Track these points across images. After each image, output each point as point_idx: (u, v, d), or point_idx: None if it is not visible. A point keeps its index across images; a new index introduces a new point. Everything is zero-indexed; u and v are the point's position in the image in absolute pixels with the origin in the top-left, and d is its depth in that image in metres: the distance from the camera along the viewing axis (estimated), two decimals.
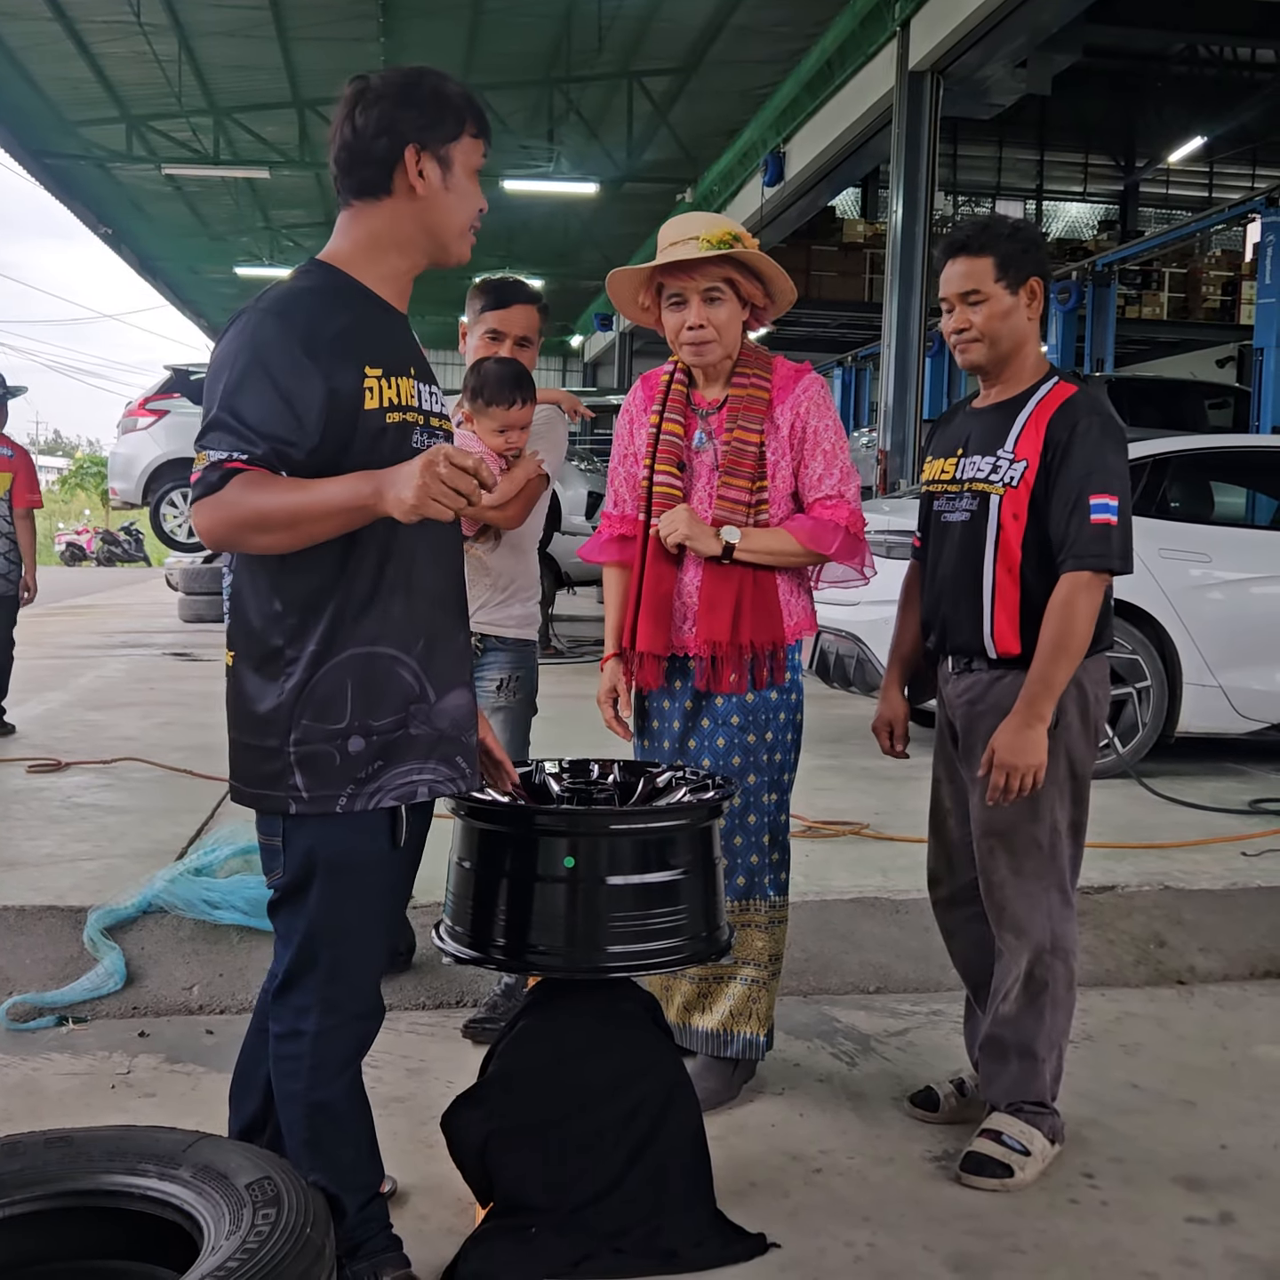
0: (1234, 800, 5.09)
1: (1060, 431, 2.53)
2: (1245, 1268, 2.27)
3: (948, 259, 2.63)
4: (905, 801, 4.93)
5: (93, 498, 43.05)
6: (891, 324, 10.86)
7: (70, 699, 7.49)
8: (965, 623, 2.64)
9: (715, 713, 2.77)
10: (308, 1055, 1.99)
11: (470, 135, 1.97)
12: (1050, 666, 2.50)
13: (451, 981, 3.45)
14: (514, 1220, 2.23)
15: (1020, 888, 2.60)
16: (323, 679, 1.90)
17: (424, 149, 1.94)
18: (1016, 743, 2.48)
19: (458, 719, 2.03)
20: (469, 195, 1.98)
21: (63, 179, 17.60)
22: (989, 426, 2.65)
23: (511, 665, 3.21)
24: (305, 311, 1.88)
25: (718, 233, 2.61)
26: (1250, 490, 8.09)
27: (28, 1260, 1.83)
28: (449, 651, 2.03)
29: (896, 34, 10.70)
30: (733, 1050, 2.80)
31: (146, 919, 3.54)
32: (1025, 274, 2.59)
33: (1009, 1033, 2.61)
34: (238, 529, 1.84)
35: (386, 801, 1.95)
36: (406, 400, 1.94)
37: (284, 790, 1.93)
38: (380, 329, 1.95)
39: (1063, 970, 2.61)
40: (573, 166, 15.92)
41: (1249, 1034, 3.33)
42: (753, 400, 2.72)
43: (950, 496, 2.69)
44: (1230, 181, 22.40)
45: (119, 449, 12.50)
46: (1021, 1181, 2.51)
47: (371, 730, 1.92)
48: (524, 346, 3.22)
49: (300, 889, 1.98)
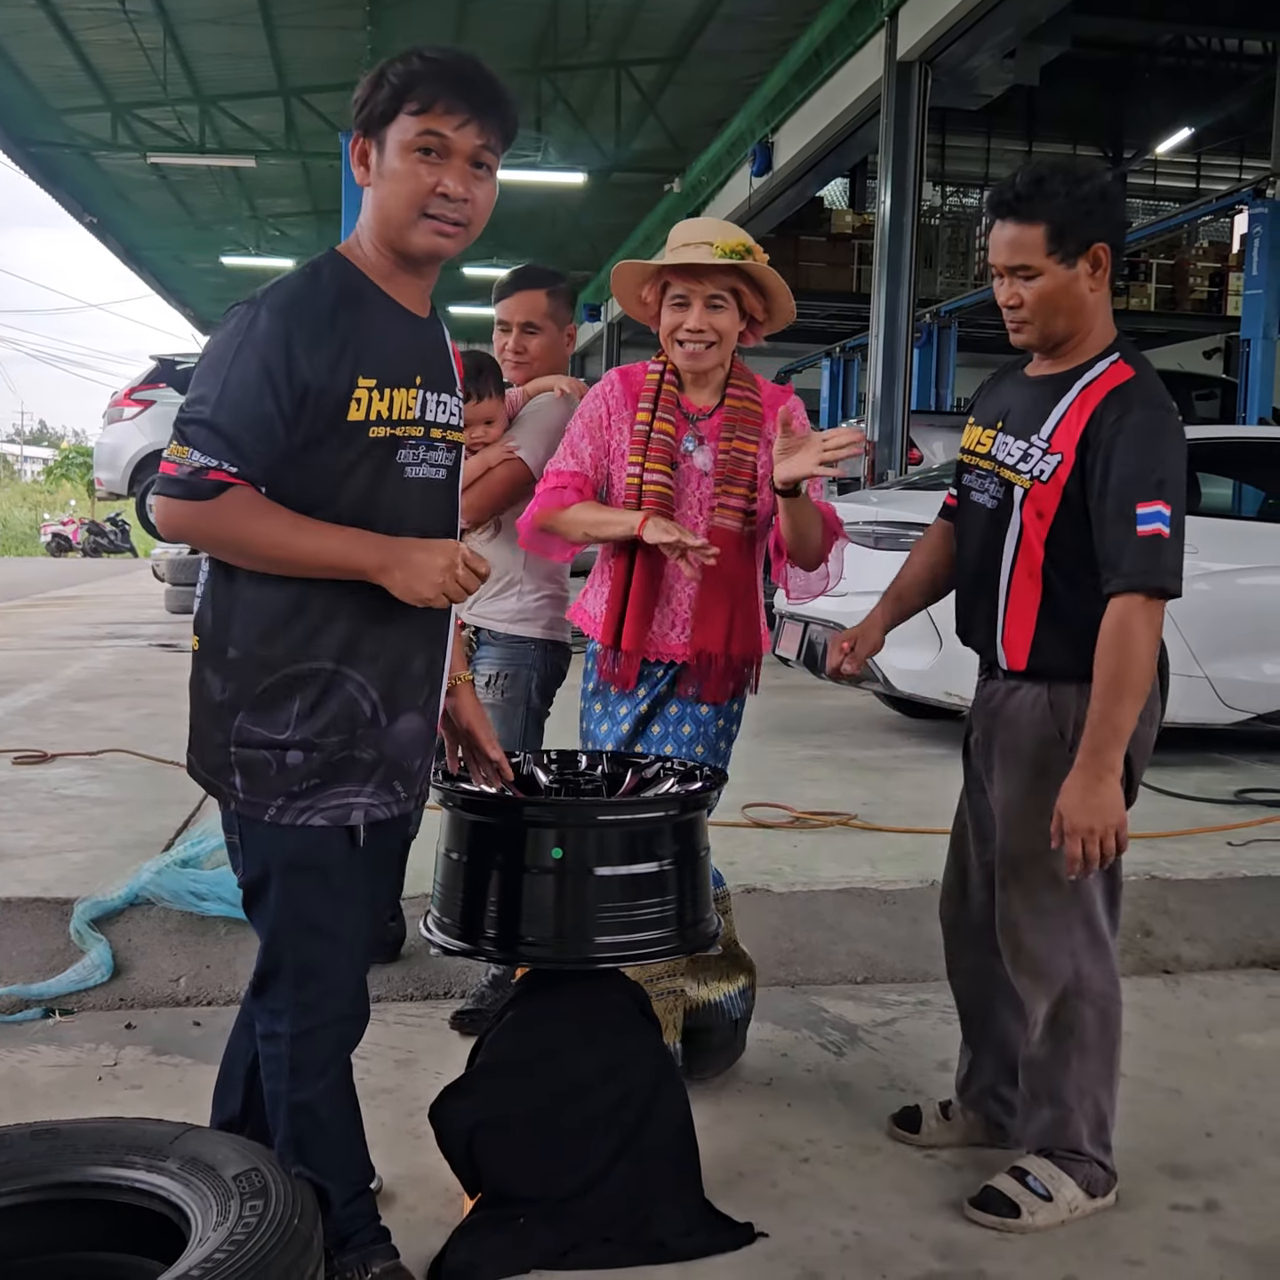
0: (1220, 790, 5.11)
1: (1104, 425, 2.23)
2: (1230, 1255, 2.28)
3: (995, 218, 2.29)
4: (893, 792, 4.94)
5: (78, 488, 42.88)
6: (879, 315, 10.85)
7: (56, 690, 7.46)
8: (982, 624, 2.44)
9: (668, 720, 2.76)
10: (286, 1058, 1.97)
11: (409, 113, 1.82)
12: (1114, 707, 2.18)
13: (439, 973, 3.45)
14: (502, 1211, 2.23)
15: (1038, 925, 2.37)
16: (273, 687, 1.87)
17: (366, 135, 1.87)
18: (1090, 803, 2.18)
19: (405, 744, 1.97)
20: (406, 178, 1.83)
21: (47, 167, 17.47)
22: (1031, 403, 2.36)
23: (501, 661, 3.11)
24: (309, 312, 1.82)
25: (731, 242, 2.62)
26: (1237, 482, 8.11)
27: (14, 1253, 1.83)
28: (411, 675, 1.96)
29: (885, 24, 10.67)
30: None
31: (133, 911, 3.53)
32: (1086, 240, 2.24)
33: (1036, 1078, 2.41)
34: (215, 544, 1.83)
35: (315, 820, 1.90)
36: (400, 414, 1.88)
37: (226, 785, 1.92)
38: (386, 336, 1.89)
39: (1092, 1014, 2.36)
40: (560, 156, 15.85)
41: (1234, 1023, 3.34)
42: (748, 413, 2.73)
43: (981, 474, 2.43)
44: (1218, 173, 22.42)
45: (105, 439, 12.46)
46: (1026, 1225, 2.31)
47: (314, 747, 1.88)
48: (531, 333, 3.18)
49: (259, 890, 1.96)
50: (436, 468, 1.97)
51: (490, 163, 1.89)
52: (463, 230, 1.89)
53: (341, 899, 1.96)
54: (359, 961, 2.03)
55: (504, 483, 3.07)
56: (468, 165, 1.86)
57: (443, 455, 1.98)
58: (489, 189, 1.90)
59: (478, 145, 1.85)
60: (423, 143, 1.83)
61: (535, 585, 3.12)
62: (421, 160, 1.84)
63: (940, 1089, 2.81)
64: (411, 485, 1.92)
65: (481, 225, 1.92)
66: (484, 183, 1.89)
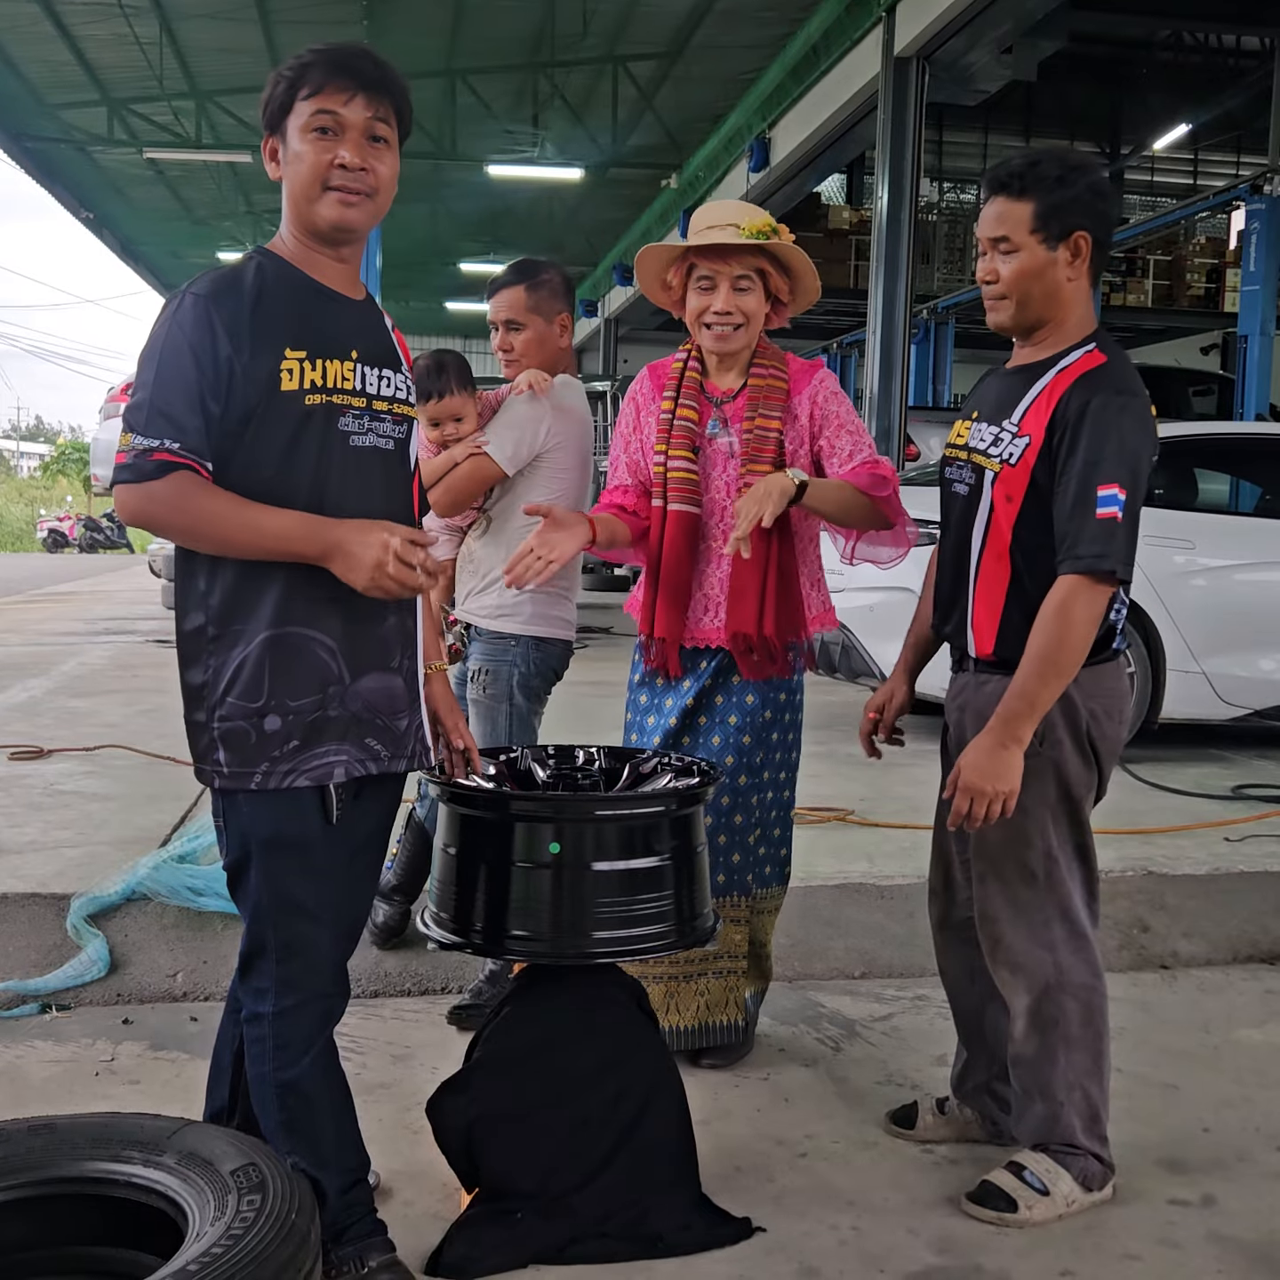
0: (1217, 786, 5.11)
1: (1071, 408, 2.24)
2: (1227, 1249, 2.29)
3: (988, 195, 2.32)
4: (891, 788, 4.94)
5: (75, 484, 42.84)
6: (877, 311, 10.85)
7: (52, 686, 7.45)
8: (953, 612, 2.44)
9: (714, 711, 2.77)
10: (270, 1036, 2.00)
11: (302, 99, 1.92)
12: (1035, 682, 2.21)
13: (436, 968, 3.45)
14: (499, 1205, 2.24)
15: (1016, 920, 2.37)
16: (243, 657, 1.92)
17: (272, 132, 1.98)
18: (986, 765, 2.22)
19: (373, 701, 2.02)
20: (305, 156, 1.93)
21: (43, 162, 17.44)
22: (1006, 392, 2.38)
23: (484, 658, 3.13)
24: (230, 294, 1.91)
25: (758, 223, 2.64)
26: (1234, 477, 8.11)
27: (12, 1248, 1.83)
28: (372, 635, 2.02)
29: (882, 19, 10.67)
30: (711, 1040, 2.84)
31: (130, 906, 3.53)
32: (1070, 226, 2.26)
33: (1025, 1074, 2.42)
34: (167, 527, 1.90)
35: (300, 781, 1.95)
36: (335, 383, 1.95)
37: (210, 765, 1.96)
38: (313, 313, 1.97)
39: (1075, 1006, 2.36)
40: (557, 151, 15.84)
41: (1231, 1018, 3.35)
42: (772, 390, 2.73)
43: (959, 465, 2.44)
44: (1215, 169, 22.39)
45: (101, 435, 12.40)
46: (1024, 1219, 2.31)
47: (289, 710, 1.94)
48: (515, 329, 3.17)
49: (241, 869, 2.00)
50: (385, 438, 2.03)
51: (386, 135, 1.98)
52: (367, 200, 1.97)
53: (322, 875, 2.00)
54: (341, 940, 2.07)
55: (467, 477, 3.08)
56: (363, 138, 1.94)
57: (390, 427, 2.03)
58: (390, 160, 1.99)
59: (368, 118, 1.94)
60: (317, 122, 1.92)
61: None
62: (319, 139, 1.93)
63: (937, 1084, 2.81)
64: (361, 454, 1.99)
65: (388, 197, 2.00)
66: (384, 154, 1.98)
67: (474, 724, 3.13)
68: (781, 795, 2.88)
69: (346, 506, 1.94)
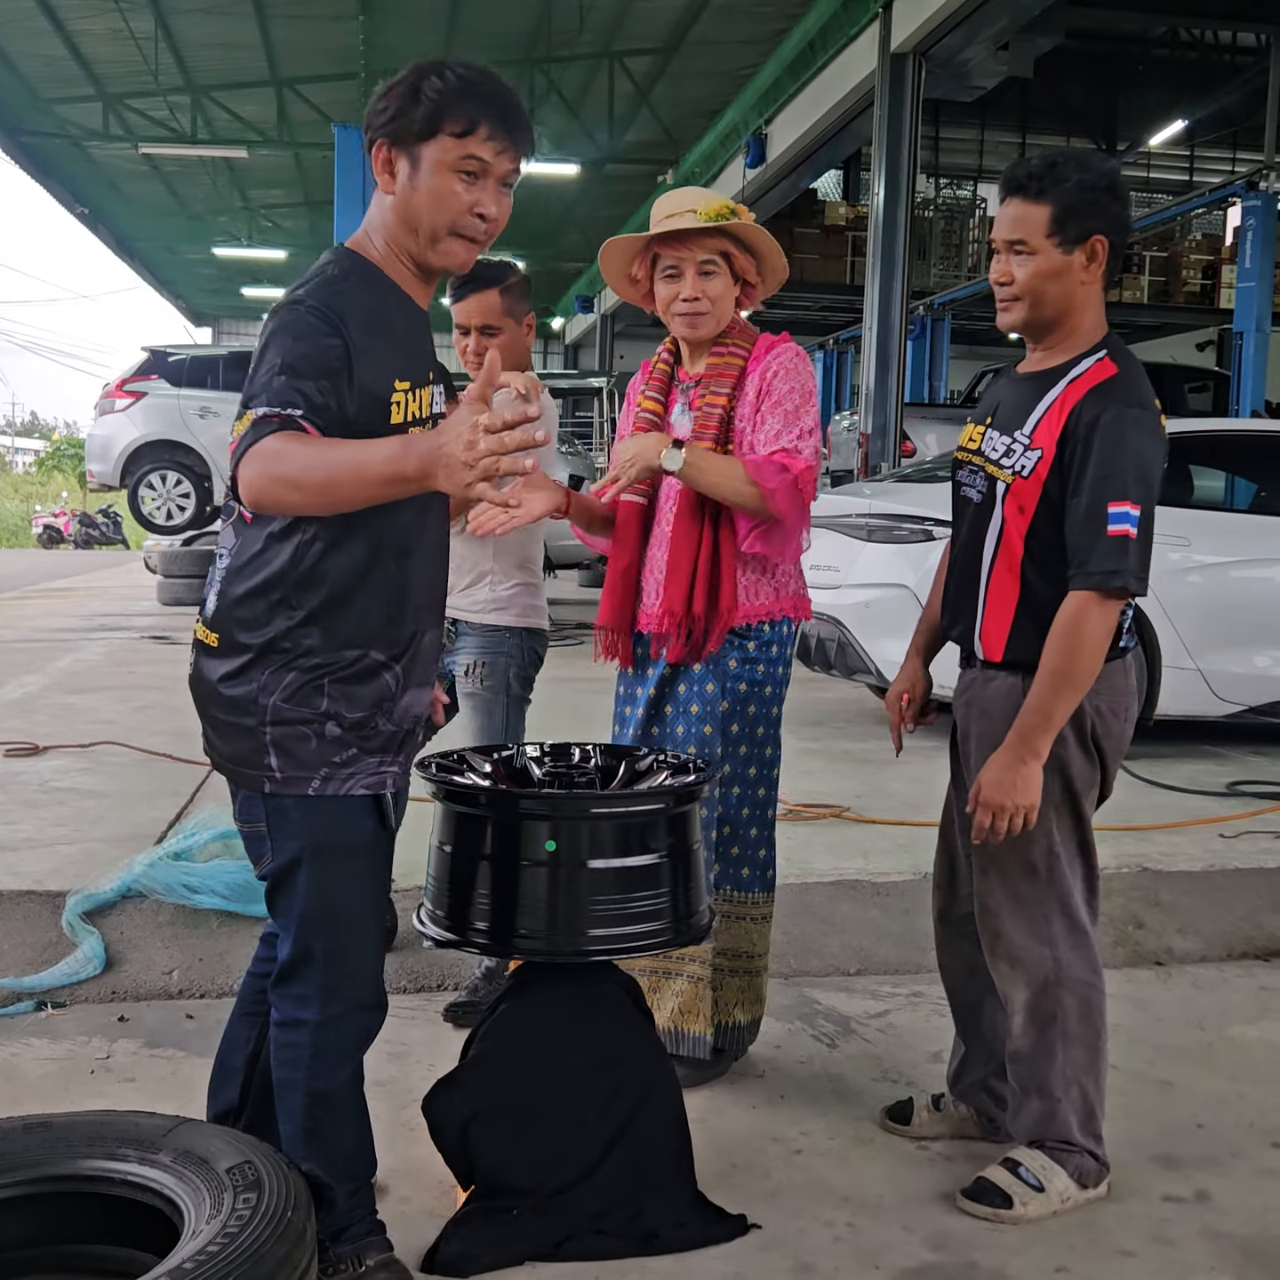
0: (1212, 783, 5.11)
1: (1083, 423, 2.24)
2: (1221, 1245, 2.29)
3: (1005, 196, 2.31)
4: (886, 784, 4.95)
5: (70, 480, 42.75)
6: (873, 307, 10.86)
7: (48, 682, 7.44)
8: (963, 614, 2.45)
9: (678, 700, 2.76)
10: (309, 1045, 1.99)
11: (451, 134, 1.88)
12: (1050, 697, 2.22)
13: (432, 965, 3.45)
14: (495, 1203, 2.24)
15: (1016, 914, 2.39)
16: (308, 672, 1.91)
17: (394, 145, 1.92)
18: (1005, 781, 2.24)
19: (414, 716, 2.05)
20: (443, 196, 1.90)
21: (38, 157, 17.41)
22: (1018, 399, 2.38)
23: (479, 651, 3.16)
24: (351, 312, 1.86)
25: (715, 206, 2.63)
26: (1229, 474, 8.12)
27: (7, 1245, 1.83)
28: (428, 652, 2.06)
29: (879, 15, 10.67)
30: (683, 1049, 2.76)
31: (126, 903, 3.52)
32: (1087, 230, 2.25)
33: (1023, 1070, 2.42)
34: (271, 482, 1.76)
35: (357, 789, 1.95)
36: (424, 412, 1.95)
37: (259, 769, 1.93)
38: (409, 334, 1.96)
39: (1074, 1002, 2.37)
40: (553, 147, 15.82)
41: (1225, 1015, 3.35)
42: (726, 367, 2.72)
43: (972, 469, 2.45)
44: (1211, 165, 22.42)
45: (96, 431, 12.42)
46: (1019, 1216, 2.31)
47: (345, 720, 1.94)
48: (491, 334, 3.11)
49: (288, 875, 1.97)
50: None
51: (513, 181, 1.99)
52: (482, 246, 1.99)
53: (367, 882, 2.01)
54: (379, 947, 2.08)
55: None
56: (499, 186, 1.96)
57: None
58: (509, 205, 2.01)
59: (510, 169, 1.96)
60: (465, 166, 1.91)
61: (506, 574, 3.18)
62: (463, 181, 1.92)
63: (933, 1081, 2.82)
64: None
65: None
66: (507, 199, 2.00)
67: (469, 717, 3.15)
68: (754, 793, 2.80)
69: (410, 515, 1.93)
